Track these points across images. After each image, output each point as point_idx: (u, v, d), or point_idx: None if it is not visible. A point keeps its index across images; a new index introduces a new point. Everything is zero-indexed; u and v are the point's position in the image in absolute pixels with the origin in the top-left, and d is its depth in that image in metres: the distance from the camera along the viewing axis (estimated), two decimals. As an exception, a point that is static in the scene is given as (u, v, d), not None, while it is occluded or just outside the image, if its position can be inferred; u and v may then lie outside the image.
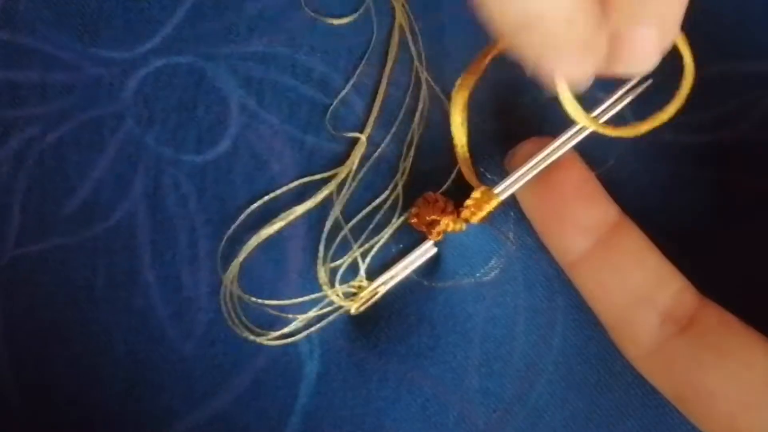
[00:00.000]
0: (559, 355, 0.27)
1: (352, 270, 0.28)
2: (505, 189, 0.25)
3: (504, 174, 0.26)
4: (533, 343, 0.27)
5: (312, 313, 0.28)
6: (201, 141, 0.29)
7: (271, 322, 0.28)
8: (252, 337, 0.27)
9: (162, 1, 0.29)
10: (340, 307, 0.27)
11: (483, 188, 0.25)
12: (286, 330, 0.27)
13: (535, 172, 0.24)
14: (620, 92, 0.24)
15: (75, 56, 0.29)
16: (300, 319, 0.27)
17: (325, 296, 0.27)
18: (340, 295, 0.27)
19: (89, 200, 0.29)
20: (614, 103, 0.25)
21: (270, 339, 0.27)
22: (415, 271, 0.28)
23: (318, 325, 0.27)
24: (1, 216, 0.29)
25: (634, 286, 0.23)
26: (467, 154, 0.26)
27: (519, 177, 0.25)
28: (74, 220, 0.28)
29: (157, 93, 0.29)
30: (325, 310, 0.28)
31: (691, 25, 0.28)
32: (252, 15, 0.29)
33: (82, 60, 0.29)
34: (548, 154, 0.24)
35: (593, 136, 0.25)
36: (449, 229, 0.26)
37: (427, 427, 0.27)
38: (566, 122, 0.24)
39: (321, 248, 0.27)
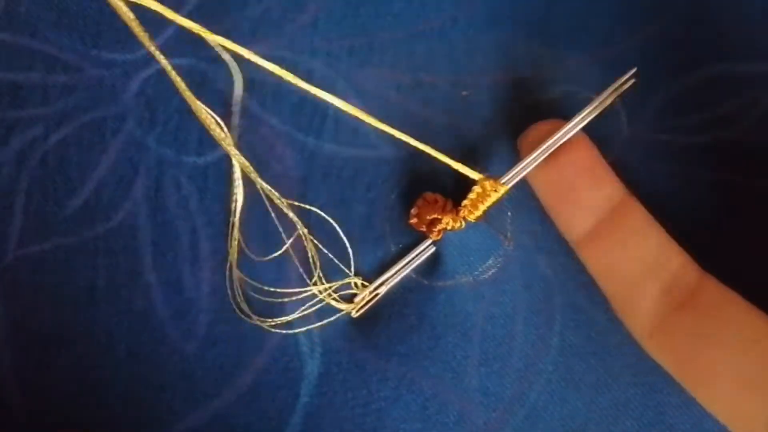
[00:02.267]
0: (558, 354, 0.27)
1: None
2: (513, 176, 0.25)
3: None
4: (532, 343, 0.27)
5: (312, 309, 0.28)
6: (202, 142, 0.29)
7: (272, 316, 0.28)
8: (255, 321, 0.27)
9: (164, 4, 0.30)
10: (341, 310, 0.28)
11: (489, 180, 0.25)
12: (287, 318, 0.27)
13: (541, 158, 0.25)
14: (608, 91, 0.25)
15: (76, 58, 0.29)
16: (301, 310, 0.27)
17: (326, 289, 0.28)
18: (338, 298, 0.28)
19: (91, 201, 0.29)
20: (603, 101, 0.25)
21: (271, 325, 0.27)
22: (414, 271, 0.28)
23: (319, 324, 0.28)
24: (3, 216, 0.29)
25: (639, 261, 0.24)
26: None
27: (526, 164, 0.25)
28: (76, 221, 0.29)
29: (159, 95, 0.29)
30: (320, 305, 0.28)
31: (691, 25, 0.29)
32: (254, 17, 0.29)
33: (84, 61, 0.29)
34: (556, 140, 0.25)
35: (592, 136, 0.25)
36: (449, 227, 0.26)
37: (427, 427, 0.27)
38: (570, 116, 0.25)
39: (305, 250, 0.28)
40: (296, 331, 0.28)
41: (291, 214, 0.27)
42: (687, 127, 0.28)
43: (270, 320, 0.28)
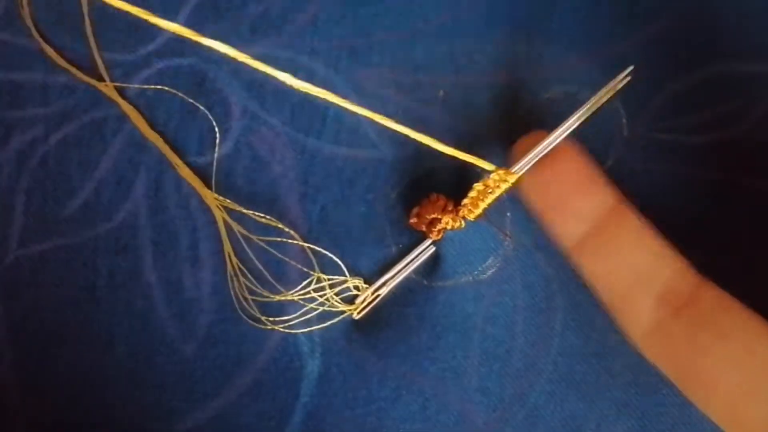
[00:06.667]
0: (558, 354, 0.27)
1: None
2: (521, 167, 0.25)
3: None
4: (532, 343, 0.27)
5: (314, 312, 0.28)
6: (202, 142, 0.29)
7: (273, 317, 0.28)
8: (264, 324, 0.27)
9: (164, 4, 0.30)
10: (343, 312, 0.28)
11: (501, 170, 0.25)
12: (290, 319, 0.27)
13: (544, 152, 0.24)
14: (605, 89, 0.25)
15: (77, 58, 0.29)
16: (303, 311, 0.27)
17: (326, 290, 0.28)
18: (339, 300, 0.28)
19: (91, 201, 0.29)
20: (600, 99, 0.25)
21: (282, 327, 0.27)
22: (415, 271, 0.28)
23: (322, 326, 0.28)
24: (4, 217, 0.29)
25: (632, 268, 0.23)
26: None
27: (534, 155, 0.25)
28: (76, 221, 0.29)
29: (159, 94, 0.29)
30: (322, 308, 0.28)
31: (691, 25, 0.29)
32: (254, 17, 0.30)
33: (84, 61, 0.29)
34: (552, 141, 0.24)
35: (593, 136, 0.25)
36: (449, 227, 0.26)
37: (427, 427, 0.27)
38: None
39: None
40: (301, 331, 0.28)
41: (284, 227, 0.27)
42: (687, 127, 0.28)
43: (280, 320, 0.27)
